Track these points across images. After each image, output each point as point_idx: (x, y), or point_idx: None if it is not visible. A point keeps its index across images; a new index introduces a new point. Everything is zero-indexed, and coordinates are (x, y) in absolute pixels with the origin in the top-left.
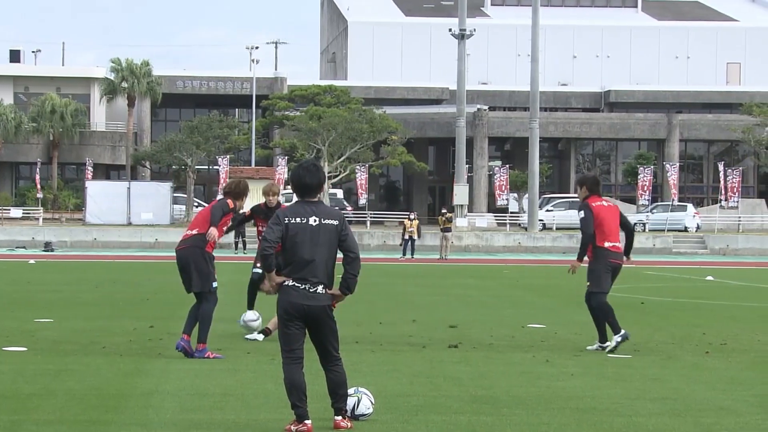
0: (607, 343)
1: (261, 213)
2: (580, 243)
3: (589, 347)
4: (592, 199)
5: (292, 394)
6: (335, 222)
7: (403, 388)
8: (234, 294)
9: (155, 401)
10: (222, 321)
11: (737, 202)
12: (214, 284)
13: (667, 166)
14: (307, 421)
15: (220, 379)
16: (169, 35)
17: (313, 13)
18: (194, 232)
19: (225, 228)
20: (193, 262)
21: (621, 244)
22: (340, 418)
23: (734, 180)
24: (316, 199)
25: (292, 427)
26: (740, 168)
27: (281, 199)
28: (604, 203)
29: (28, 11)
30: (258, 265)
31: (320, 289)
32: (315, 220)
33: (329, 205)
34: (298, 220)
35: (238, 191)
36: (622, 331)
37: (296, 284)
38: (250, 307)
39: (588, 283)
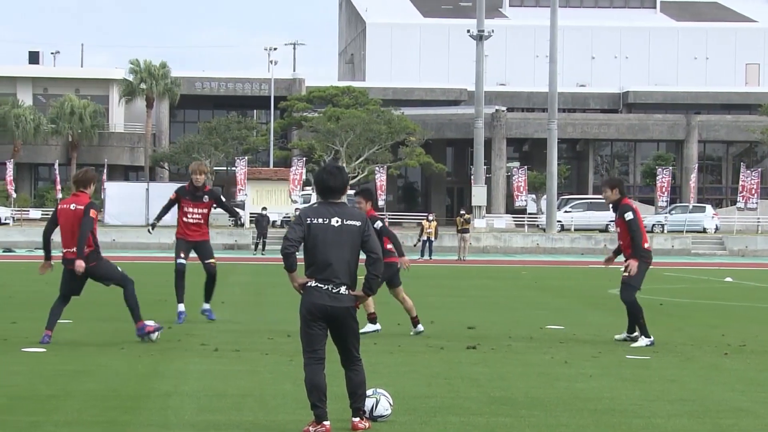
0: (636, 334)
1: (187, 194)
2: (635, 242)
3: (617, 336)
4: (628, 201)
5: (312, 395)
6: (357, 223)
7: (421, 390)
8: (251, 295)
9: (173, 402)
10: (239, 322)
11: (756, 203)
12: (119, 268)
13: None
14: (326, 422)
15: (238, 380)
16: (184, 36)
17: (331, 15)
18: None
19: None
20: (106, 274)
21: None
22: (358, 419)
23: (753, 181)
24: (339, 201)
25: (311, 428)
26: (759, 169)
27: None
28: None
29: (47, 13)
30: (182, 255)
31: (343, 289)
32: (337, 221)
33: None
34: (320, 220)
35: (86, 179)
36: (651, 338)
37: (319, 285)
38: (180, 300)
39: (625, 274)
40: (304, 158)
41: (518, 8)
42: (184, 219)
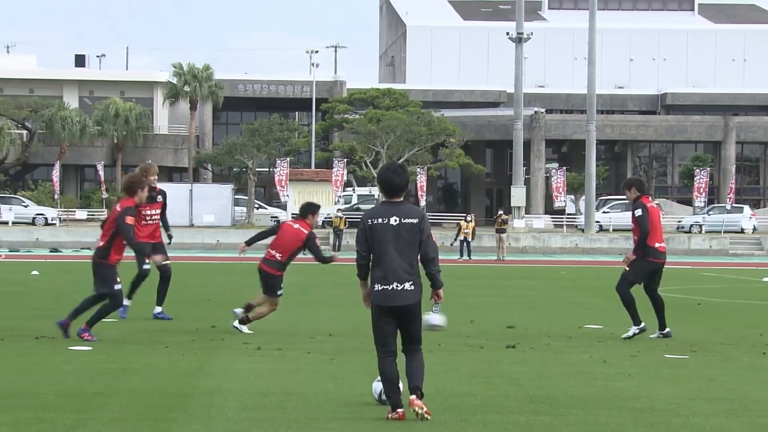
0: (667, 330)
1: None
2: (639, 238)
3: (651, 335)
4: (645, 199)
5: (384, 385)
6: (415, 220)
7: (461, 388)
8: (294, 294)
9: (217, 400)
10: (281, 321)
11: None
12: (117, 286)
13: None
14: (399, 410)
15: (280, 378)
16: (227, 39)
17: (371, 18)
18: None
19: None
20: (103, 278)
21: (665, 244)
22: (414, 396)
23: None
24: (400, 200)
25: (389, 415)
26: None
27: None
28: (654, 204)
29: (93, 17)
30: (148, 261)
31: (407, 285)
32: (396, 220)
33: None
34: (379, 220)
35: (127, 186)
36: (641, 324)
37: (384, 286)
38: (129, 297)
39: (627, 269)
40: (345, 159)
41: (557, 11)
42: (143, 222)
